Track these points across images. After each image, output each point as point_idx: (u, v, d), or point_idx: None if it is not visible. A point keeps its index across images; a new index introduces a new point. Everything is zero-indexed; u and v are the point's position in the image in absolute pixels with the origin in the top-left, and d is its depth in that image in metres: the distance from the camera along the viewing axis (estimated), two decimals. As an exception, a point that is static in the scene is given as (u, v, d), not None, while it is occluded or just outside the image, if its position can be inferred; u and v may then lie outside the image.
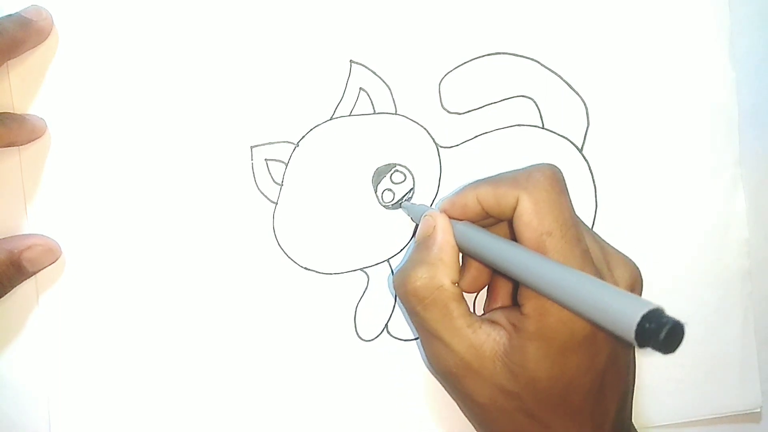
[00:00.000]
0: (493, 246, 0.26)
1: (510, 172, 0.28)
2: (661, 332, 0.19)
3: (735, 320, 0.35)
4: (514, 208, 0.26)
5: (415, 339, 0.34)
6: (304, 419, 0.33)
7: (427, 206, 0.33)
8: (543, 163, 0.27)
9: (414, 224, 0.33)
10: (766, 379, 0.35)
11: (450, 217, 0.29)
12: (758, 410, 0.35)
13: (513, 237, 0.27)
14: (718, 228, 0.35)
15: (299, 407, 0.33)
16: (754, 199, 0.35)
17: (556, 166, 0.27)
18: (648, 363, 0.34)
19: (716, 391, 0.35)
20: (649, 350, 0.19)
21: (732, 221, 0.35)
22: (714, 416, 0.35)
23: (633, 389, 0.29)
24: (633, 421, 0.30)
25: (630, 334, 0.19)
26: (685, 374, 0.34)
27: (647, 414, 0.34)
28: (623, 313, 0.20)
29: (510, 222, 0.27)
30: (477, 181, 0.28)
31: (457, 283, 0.28)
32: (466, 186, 0.29)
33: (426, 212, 0.30)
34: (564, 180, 0.27)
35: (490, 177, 0.28)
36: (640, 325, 0.19)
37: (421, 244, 0.29)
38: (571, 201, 0.26)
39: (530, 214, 0.25)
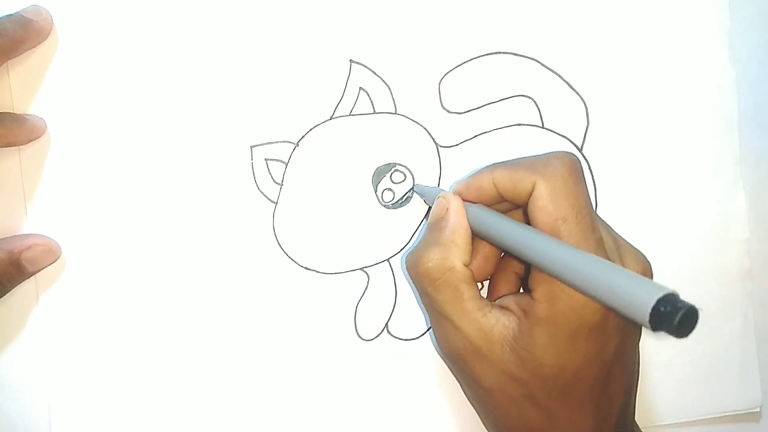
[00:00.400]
0: (508, 229, 0.26)
1: (527, 157, 0.28)
2: (676, 316, 0.19)
3: (735, 320, 0.35)
4: (530, 194, 0.26)
5: (415, 339, 0.34)
6: (304, 419, 0.33)
7: (441, 188, 0.33)
8: (561, 151, 0.27)
9: (426, 207, 0.33)
10: (766, 379, 0.35)
11: (464, 200, 0.29)
12: (758, 410, 0.35)
13: (527, 224, 0.27)
14: (718, 228, 0.35)
15: (299, 407, 0.33)
16: (754, 199, 0.35)
17: (574, 155, 0.27)
18: (648, 363, 0.34)
19: (716, 390, 0.35)
20: (662, 334, 0.19)
21: (732, 221, 0.35)
22: (714, 416, 0.35)
23: (637, 385, 0.29)
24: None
25: (645, 317, 0.20)
26: (685, 374, 0.35)
27: (647, 414, 0.34)
28: (638, 296, 0.20)
29: (524, 209, 0.27)
30: (494, 164, 0.28)
31: (468, 265, 0.28)
32: (482, 169, 0.29)
33: (440, 194, 0.30)
34: (581, 169, 0.27)
35: (507, 161, 0.28)
36: (655, 309, 0.19)
37: (433, 225, 0.29)
38: (587, 190, 0.27)
39: (546, 200, 0.25)
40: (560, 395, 0.26)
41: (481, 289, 0.33)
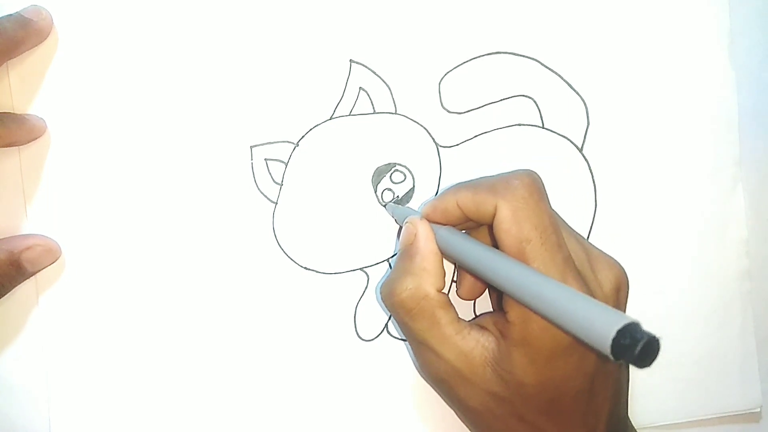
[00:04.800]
0: (474, 253, 0.26)
1: (489, 177, 0.28)
2: (636, 347, 0.19)
3: (734, 320, 0.35)
4: (493, 215, 0.26)
5: (415, 339, 0.34)
6: (303, 419, 0.33)
7: (411, 209, 0.32)
8: (521, 170, 0.27)
9: (398, 227, 0.33)
10: (766, 379, 0.35)
11: (432, 221, 0.29)
12: (758, 410, 0.35)
13: (495, 241, 0.27)
14: (717, 228, 0.35)
15: (299, 407, 0.33)
16: (754, 199, 0.35)
17: (534, 172, 0.27)
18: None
19: (716, 391, 0.35)
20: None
21: (731, 221, 0.35)
22: (714, 416, 0.35)
23: (627, 388, 0.29)
24: (633, 421, 0.30)
25: (606, 348, 0.20)
26: (685, 374, 0.34)
27: (647, 414, 0.34)
28: (599, 326, 0.20)
29: (491, 227, 0.27)
30: (457, 184, 0.28)
31: (442, 290, 0.28)
32: (446, 190, 0.29)
33: (408, 218, 0.30)
34: (543, 186, 0.27)
35: (470, 181, 0.28)
36: (616, 340, 0.19)
37: (404, 253, 0.29)
38: (550, 207, 0.26)
39: (509, 222, 0.25)
40: (545, 411, 0.26)
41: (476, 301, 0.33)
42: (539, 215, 0.25)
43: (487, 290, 0.32)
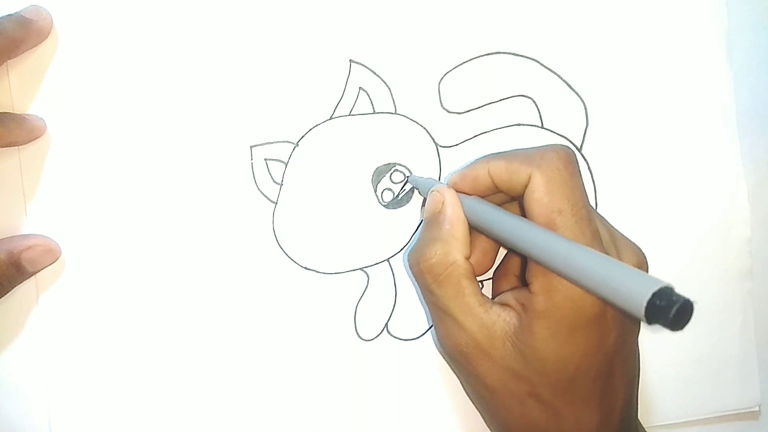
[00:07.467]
0: (504, 221, 0.26)
1: (523, 149, 0.28)
2: (671, 310, 0.19)
3: (735, 319, 0.35)
4: (526, 185, 0.26)
5: (415, 339, 0.34)
6: (304, 419, 0.33)
7: (435, 180, 0.33)
8: (557, 144, 0.27)
9: (422, 199, 0.33)
10: (766, 378, 0.35)
11: (458, 191, 0.29)
12: (757, 408, 0.35)
13: (522, 216, 0.27)
14: (719, 227, 0.35)
15: (299, 407, 0.33)
16: (755, 199, 0.35)
17: (569, 148, 0.27)
18: (648, 362, 0.34)
19: (716, 390, 0.35)
20: (657, 327, 0.20)
21: (734, 220, 0.35)
22: (714, 415, 0.35)
23: (638, 380, 0.29)
24: (633, 420, 0.30)
25: (640, 310, 0.20)
26: (685, 374, 0.35)
27: (648, 413, 0.34)
28: (634, 289, 0.20)
29: (519, 201, 0.27)
30: (489, 154, 0.28)
31: (468, 258, 0.28)
32: (477, 159, 0.29)
33: (434, 187, 0.30)
34: (577, 162, 0.27)
35: (503, 152, 0.28)
36: (651, 302, 0.20)
37: (431, 221, 0.29)
38: (583, 183, 0.27)
39: (542, 192, 0.25)
40: (564, 391, 0.26)
41: (482, 288, 0.33)
42: (572, 187, 0.26)
43: (491, 280, 0.32)
